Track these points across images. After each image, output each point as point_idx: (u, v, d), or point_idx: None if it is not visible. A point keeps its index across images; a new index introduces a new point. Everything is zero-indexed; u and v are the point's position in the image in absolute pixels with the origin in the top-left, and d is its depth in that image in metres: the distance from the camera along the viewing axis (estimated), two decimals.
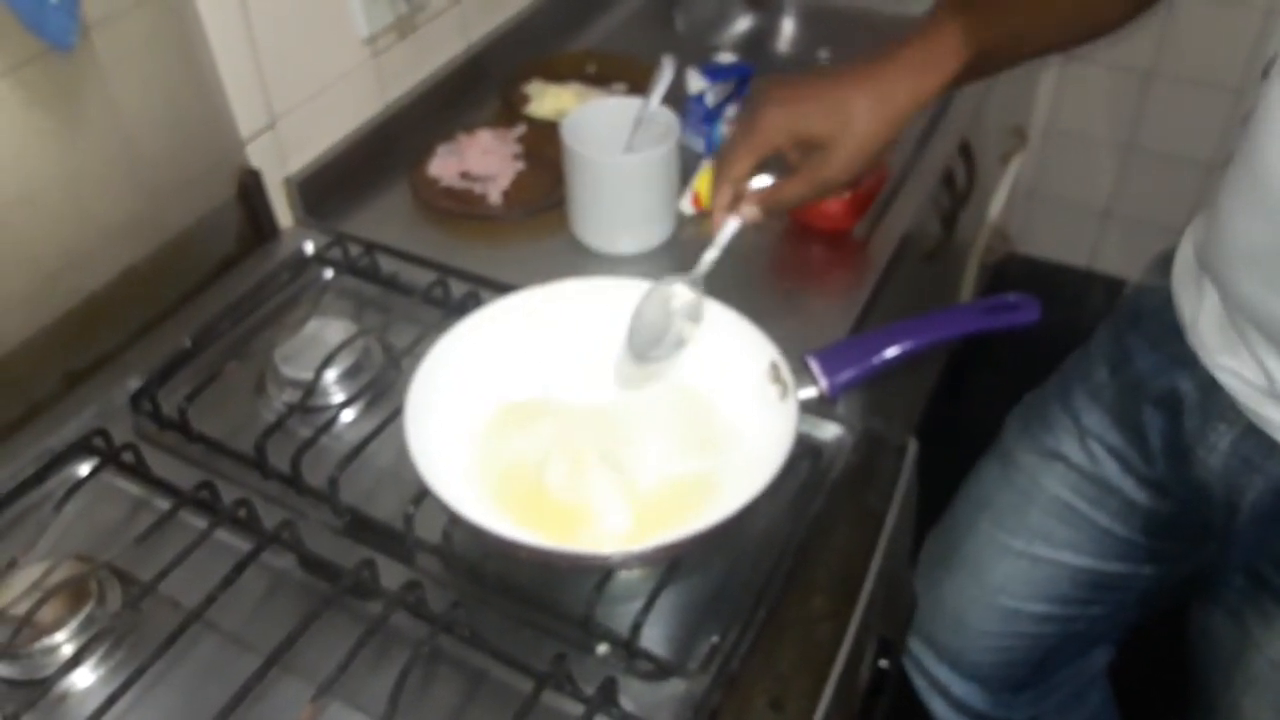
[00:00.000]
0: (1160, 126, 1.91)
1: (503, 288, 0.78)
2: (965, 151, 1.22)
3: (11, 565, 0.66)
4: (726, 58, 1.12)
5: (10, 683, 0.62)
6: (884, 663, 0.72)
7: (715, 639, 0.62)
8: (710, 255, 0.74)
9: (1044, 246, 2.16)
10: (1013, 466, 0.93)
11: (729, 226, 0.74)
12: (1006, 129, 1.74)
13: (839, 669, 0.61)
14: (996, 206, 1.68)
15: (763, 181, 0.76)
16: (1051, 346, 1.82)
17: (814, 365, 0.68)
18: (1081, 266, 2.15)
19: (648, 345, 0.71)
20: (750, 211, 0.74)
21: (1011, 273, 2.09)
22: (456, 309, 0.84)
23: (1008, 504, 0.93)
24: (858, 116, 0.70)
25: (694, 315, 0.72)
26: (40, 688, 0.60)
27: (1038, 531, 0.91)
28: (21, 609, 0.62)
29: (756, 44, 1.33)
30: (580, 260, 0.95)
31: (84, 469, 0.75)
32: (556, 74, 1.17)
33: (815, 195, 0.75)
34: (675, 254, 0.96)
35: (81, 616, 0.63)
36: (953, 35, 0.70)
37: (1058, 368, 0.95)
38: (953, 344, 0.83)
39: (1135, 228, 2.06)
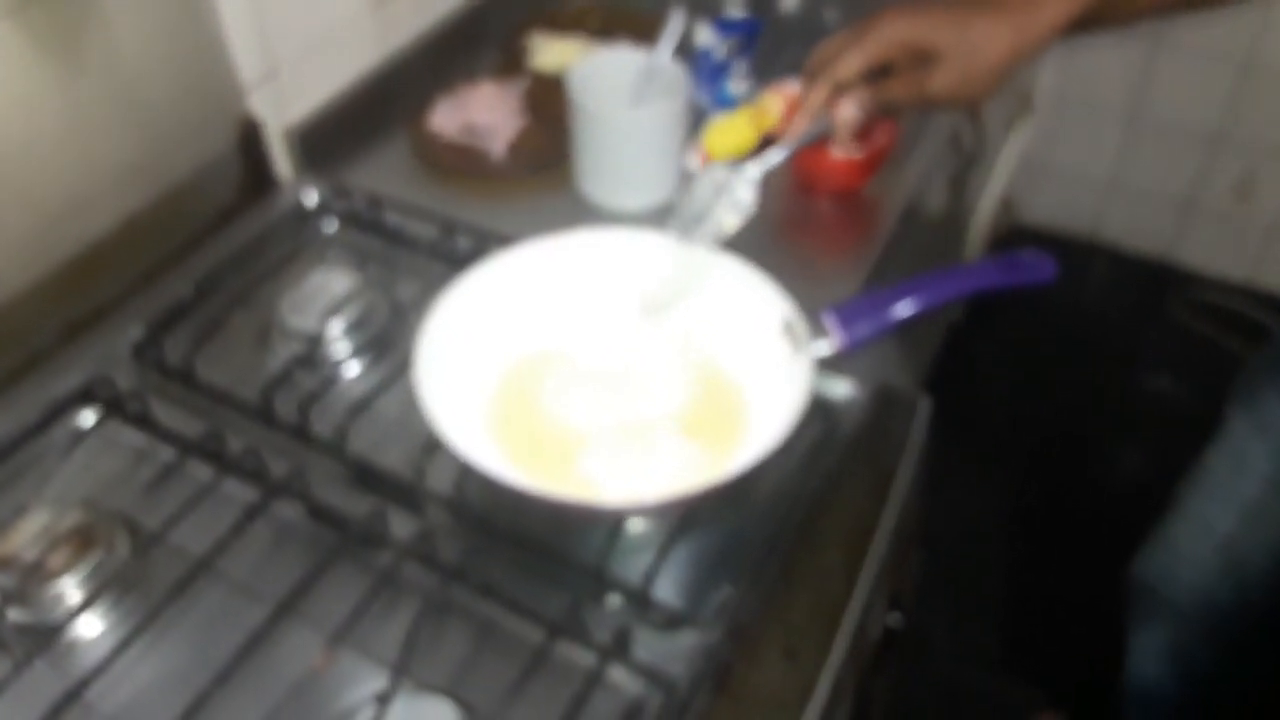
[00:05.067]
0: (1166, 96, 1.91)
1: (508, 242, 0.77)
2: (972, 115, 1.21)
3: (20, 511, 0.66)
4: (734, 13, 1.11)
5: (21, 628, 0.61)
6: (894, 618, 0.72)
7: (728, 589, 0.62)
8: (778, 154, 0.72)
9: (1048, 215, 2.16)
10: None
11: (808, 126, 0.73)
12: (1012, 94, 1.73)
13: (852, 621, 0.61)
14: (1002, 173, 1.67)
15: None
16: (1055, 313, 1.83)
17: (829, 320, 0.68)
18: (1085, 235, 2.15)
19: (690, 225, 0.71)
20: (848, 109, 0.72)
21: (1016, 242, 2.09)
22: (462, 263, 0.83)
23: None
24: (979, 33, 0.69)
25: (739, 209, 0.71)
26: (50, 633, 0.60)
27: None
28: (31, 554, 0.62)
29: (762, 2, 1.31)
30: (584, 215, 0.94)
31: (89, 418, 0.74)
32: (560, 27, 1.16)
33: (916, 104, 0.73)
34: None
35: (91, 564, 0.62)
36: None
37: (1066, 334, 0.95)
38: (965, 301, 0.82)
39: (1140, 198, 2.06)
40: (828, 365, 0.69)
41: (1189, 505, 1.06)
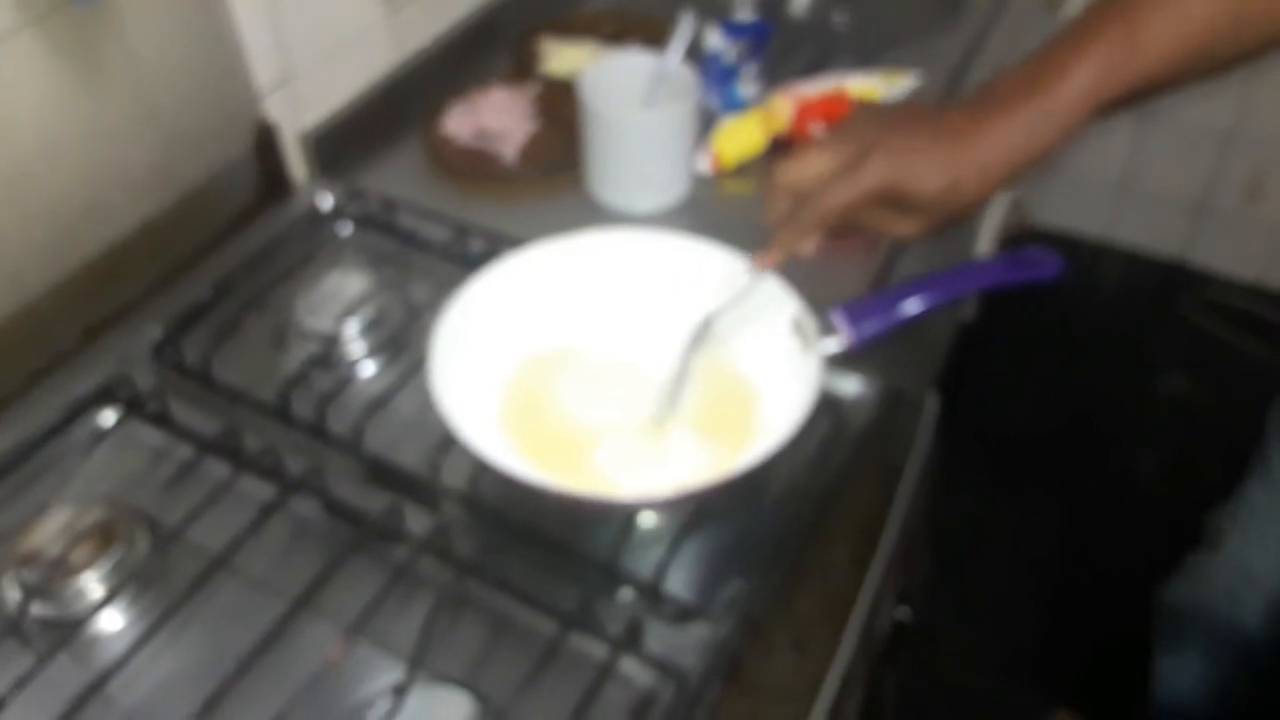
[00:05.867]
0: (1177, 97, 1.90)
1: (520, 244, 0.78)
2: None
3: (42, 509, 0.67)
4: (743, 17, 1.12)
5: (44, 622, 0.62)
6: (903, 612, 0.73)
7: (738, 583, 0.63)
8: (747, 288, 0.71)
9: (1060, 217, 2.16)
10: None
11: (781, 260, 0.71)
12: None
13: (860, 614, 0.62)
14: None
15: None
16: (1067, 314, 1.83)
17: (838, 317, 0.69)
18: (1096, 236, 2.15)
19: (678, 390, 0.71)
20: (811, 245, 0.70)
21: (1027, 244, 2.09)
22: (474, 265, 0.84)
23: None
24: (963, 189, 0.65)
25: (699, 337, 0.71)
26: (72, 628, 0.61)
27: None
28: (54, 551, 0.63)
29: (771, 5, 1.32)
30: (596, 219, 0.95)
31: (109, 417, 0.75)
32: (571, 32, 1.17)
33: (879, 235, 0.71)
34: (691, 214, 0.96)
35: (111, 560, 0.64)
36: (1081, 84, 0.65)
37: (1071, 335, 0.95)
38: (973, 298, 0.83)
39: (1151, 198, 2.06)
40: (837, 362, 0.70)
41: (1226, 538, 1.05)
